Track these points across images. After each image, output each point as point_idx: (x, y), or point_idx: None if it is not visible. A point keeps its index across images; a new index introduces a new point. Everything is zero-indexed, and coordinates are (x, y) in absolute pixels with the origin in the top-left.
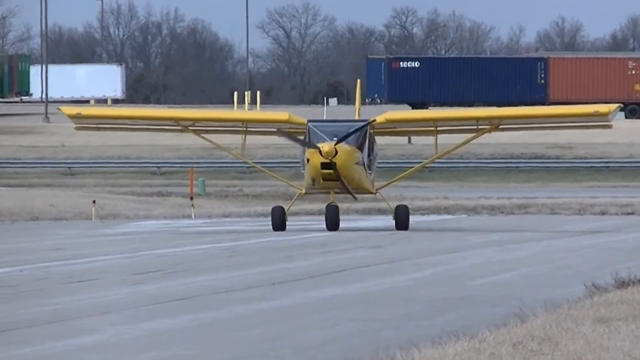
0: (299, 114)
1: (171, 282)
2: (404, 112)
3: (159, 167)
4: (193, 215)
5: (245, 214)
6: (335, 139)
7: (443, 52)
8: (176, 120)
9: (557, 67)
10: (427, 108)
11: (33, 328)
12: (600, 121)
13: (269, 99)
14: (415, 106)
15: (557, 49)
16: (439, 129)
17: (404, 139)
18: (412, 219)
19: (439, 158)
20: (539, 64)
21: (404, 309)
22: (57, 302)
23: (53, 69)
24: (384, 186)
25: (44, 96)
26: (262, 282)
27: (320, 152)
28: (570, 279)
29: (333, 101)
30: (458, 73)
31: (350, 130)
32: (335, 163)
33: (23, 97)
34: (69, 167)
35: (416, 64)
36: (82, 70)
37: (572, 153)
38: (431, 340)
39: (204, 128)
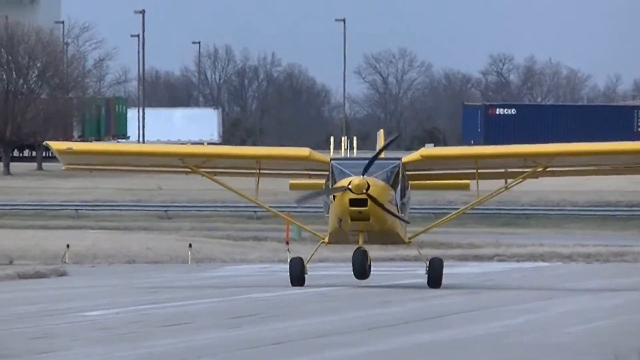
0: None
1: (266, 326)
2: (441, 148)
3: (255, 211)
4: (289, 260)
5: (341, 259)
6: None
7: (539, 99)
8: (180, 157)
9: None
10: None
11: None
12: None
13: (365, 144)
14: None
15: None
16: (481, 170)
17: (497, 183)
18: (508, 266)
19: (478, 203)
20: (635, 111)
21: (497, 356)
22: (153, 344)
23: (150, 112)
24: (419, 234)
25: (141, 139)
26: (357, 327)
27: (349, 189)
28: None
29: (430, 147)
30: (554, 120)
31: (378, 162)
32: (370, 196)
33: (120, 140)
34: (166, 211)
35: (513, 111)
36: (179, 114)
37: None
38: None
39: (213, 170)
